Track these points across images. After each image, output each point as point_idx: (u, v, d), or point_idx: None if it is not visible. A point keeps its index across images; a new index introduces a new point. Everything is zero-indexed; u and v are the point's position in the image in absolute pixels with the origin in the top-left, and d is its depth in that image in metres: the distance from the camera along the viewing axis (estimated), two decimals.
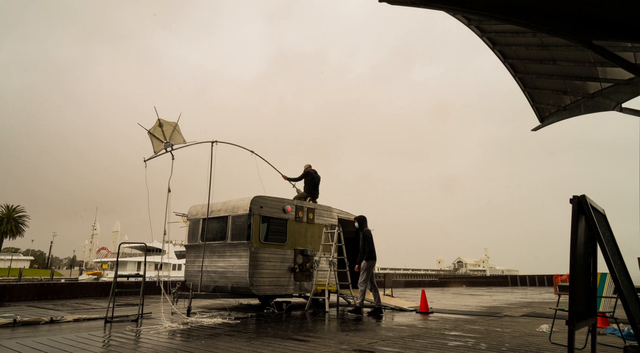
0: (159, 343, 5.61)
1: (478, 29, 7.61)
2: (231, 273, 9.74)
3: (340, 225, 12.51)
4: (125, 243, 11.27)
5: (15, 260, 72.32)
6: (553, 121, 9.52)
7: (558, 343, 5.69)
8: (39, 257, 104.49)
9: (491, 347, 5.50)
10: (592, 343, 4.21)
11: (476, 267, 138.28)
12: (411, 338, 6.12)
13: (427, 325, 7.77)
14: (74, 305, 10.95)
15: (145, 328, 6.97)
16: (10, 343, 5.39)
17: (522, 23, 4.17)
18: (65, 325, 7.19)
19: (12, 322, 7.12)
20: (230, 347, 5.28)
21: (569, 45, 6.91)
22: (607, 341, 5.99)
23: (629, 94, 7.60)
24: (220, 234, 10.29)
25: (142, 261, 43.94)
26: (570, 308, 3.36)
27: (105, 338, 5.97)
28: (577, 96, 8.44)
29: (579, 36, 4.21)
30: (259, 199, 9.91)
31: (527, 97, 9.27)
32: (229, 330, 6.77)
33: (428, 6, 4.28)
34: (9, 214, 65.85)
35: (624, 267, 3.97)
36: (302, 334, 6.45)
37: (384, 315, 9.44)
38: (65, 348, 5.13)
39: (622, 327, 5.86)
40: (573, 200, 3.66)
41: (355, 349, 5.27)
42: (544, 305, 9.92)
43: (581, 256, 3.64)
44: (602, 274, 6.30)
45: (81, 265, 77.19)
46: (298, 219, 10.85)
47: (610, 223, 4.31)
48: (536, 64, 8.06)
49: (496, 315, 9.57)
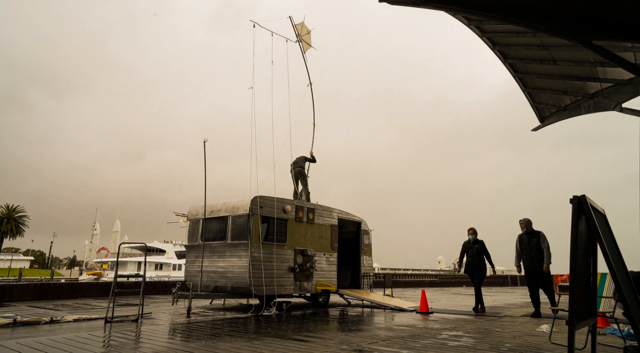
0: (159, 343, 5.61)
1: (478, 29, 7.61)
2: (231, 273, 9.74)
3: (340, 225, 12.53)
4: (125, 243, 11.26)
5: (15, 260, 72.28)
6: (553, 121, 9.51)
7: (558, 343, 5.70)
8: (39, 257, 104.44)
9: (491, 347, 5.50)
10: (592, 343, 4.21)
11: None
12: (411, 338, 6.12)
13: (427, 325, 7.77)
14: (74, 305, 10.95)
15: (145, 328, 6.97)
16: (11, 343, 5.39)
17: (522, 23, 4.17)
18: (65, 325, 7.19)
19: (12, 322, 7.12)
20: (230, 347, 5.28)
21: (569, 45, 6.91)
22: (607, 341, 5.99)
23: (629, 94, 7.59)
24: (221, 234, 10.29)
25: (142, 261, 43.95)
26: (570, 308, 3.36)
27: (106, 338, 5.97)
28: (577, 96, 8.43)
29: (579, 36, 4.21)
30: (259, 199, 9.91)
31: (527, 97, 9.26)
32: (229, 330, 6.77)
33: (428, 6, 4.27)
34: (9, 214, 65.85)
35: (624, 267, 3.97)
36: (303, 334, 6.45)
37: (384, 315, 9.45)
38: (66, 348, 5.13)
39: (622, 327, 5.86)
40: (573, 200, 3.66)
41: (355, 349, 5.27)
42: (544, 305, 9.93)
43: (581, 256, 3.64)
44: (602, 274, 6.30)
45: (81, 265, 77.18)
46: (298, 220, 10.85)
47: (610, 223, 4.30)
48: (536, 64, 8.06)
49: (496, 315, 9.57)
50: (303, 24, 13.53)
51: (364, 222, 13.45)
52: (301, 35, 13.33)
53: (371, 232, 13.79)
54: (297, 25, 13.33)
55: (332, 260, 11.73)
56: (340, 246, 12.24)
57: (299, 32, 13.31)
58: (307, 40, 13.52)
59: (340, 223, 12.38)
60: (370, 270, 13.45)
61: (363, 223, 13.39)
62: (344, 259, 12.59)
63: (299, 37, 13.28)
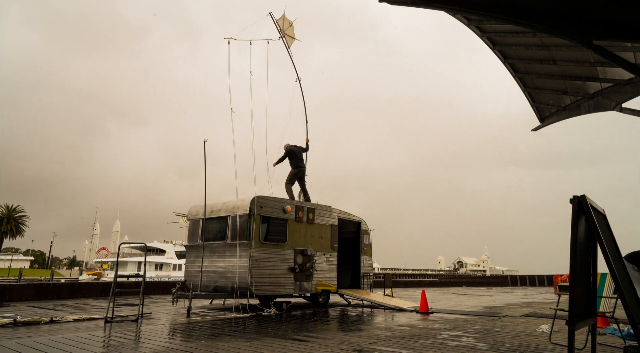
0: (158, 343, 5.61)
1: (478, 29, 7.60)
2: (231, 273, 9.73)
3: (340, 225, 12.52)
4: (125, 243, 11.25)
5: (15, 260, 72.24)
6: (553, 121, 9.50)
7: (558, 343, 5.69)
8: (39, 257, 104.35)
9: (491, 347, 5.50)
10: (592, 343, 4.20)
11: (476, 267, 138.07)
12: (411, 338, 6.12)
13: (427, 325, 7.77)
14: (74, 305, 10.95)
15: (145, 328, 6.97)
16: (11, 343, 5.39)
17: (522, 23, 4.17)
18: (65, 325, 7.19)
19: (12, 322, 7.11)
20: (230, 347, 5.28)
21: (569, 45, 6.91)
22: (607, 341, 5.99)
23: (629, 94, 7.59)
24: (221, 234, 10.29)
25: (142, 261, 43.93)
26: (570, 308, 3.36)
27: (105, 338, 5.97)
28: (577, 96, 8.43)
29: (579, 36, 4.21)
30: (259, 200, 9.90)
31: (527, 97, 9.26)
32: (229, 330, 6.77)
33: (428, 6, 4.27)
34: (9, 214, 65.79)
35: (624, 267, 3.97)
36: (302, 334, 6.45)
37: (384, 315, 9.45)
38: (65, 348, 5.13)
39: (622, 327, 5.86)
40: (573, 200, 3.65)
41: (355, 349, 5.27)
42: (544, 305, 9.91)
43: (581, 256, 3.63)
44: (602, 274, 6.30)
45: (81, 265, 77.15)
46: (298, 220, 10.84)
47: (610, 223, 4.30)
48: (536, 64, 8.05)
49: (496, 315, 9.57)
50: (284, 17, 12.99)
51: (364, 222, 13.45)
52: (284, 30, 12.90)
53: (371, 232, 13.79)
54: (278, 20, 12.87)
55: (332, 260, 11.73)
56: (340, 246, 12.23)
57: (280, 27, 12.87)
58: (290, 34, 13.09)
59: (340, 223, 12.37)
60: (370, 270, 13.45)
61: (363, 223, 13.38)
62: (344, 259, 12.59)
63: (281, 32, 12.87)
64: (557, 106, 9.01)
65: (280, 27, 12.80)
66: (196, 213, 11.06)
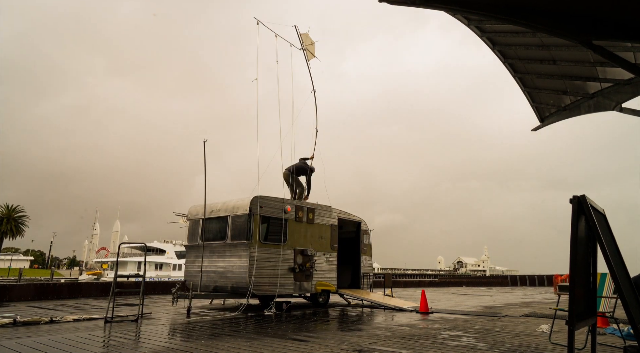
0: (158, 343, 5.61)
1: (478, 29, 7.60)
2: (231, 273, 9.73)
3: (340, 224, 12.52)
4: (125, 243, 11.25)
5: (15, 260, 72.27)
6: (553, 121, 9.50)
7: (558, 343, 5.70)
8: (39, 257, 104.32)
9: (491, 347, 5.50)
10: (592, 343, 4.20)
11: (476, 267, 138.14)
12: (411, 338, 6.12)
13: (427, 325, 7.77)
14: (74, 305, 10.95)
15: (145, 328, 6.97)
16: (10, 343, 5.39)
17: (522, 23, 4.16)
18: (65, 325, 7.19)
19: (12, 322, 7.11)
20: (230, 347, 5.28)
21: (569, 45, 6.91)
22: (607, 341, 5.99)
23: (629, 94, 7.59)
24: (220, 234, 10.29)
25: (142, 261, 43.92)
26: (570, 308, 3.36)
27: (105, 338, 5.97)
28: (577, 96, 8.43)
29: (579, 36, 4.21)
30: (259, 200, 9.90)
31: (527, 97, 9.25)
32: (229, 330, 6.77)
33: (428, 6, 4.27)
34: (9, 214, 65.78)
35: (624, 267, 3.97)
36: (302, 334, 6.45)
37: (384, 315, 9.45)
38: (65, 348, 5.13)
39: (622, 327, 5.86)
40: (573, 200, 3.65)
41: (355, 349, 5.27)
42: (543, 305, 9.90)
43: (581, 256, 3.63)
44: (602, 274, 6.30)
45: (81, 265, 77.17)
46: (298, 220, 10.84)
47: (610, 223, 4.30)
48: (536, 64, 8.05)
49: (496, 315, 9.57)
50: (307, 35, 13.84)
51: (364, 222, 13.45)
52: (305, 45, 13.62)
53: (371, 232, 13.80)
54: (302, 35, 13.60)
55: (332, 260, 11.73)
56: (340, 246, 12.23)
57: (303, 41, 13.59)
58: (311, 50, 13.79)
59: (340, 223, 12.37)
60: (370, 270, 13.45)
61: (363, 223, 13.38)
62: (344, 259, 12.59)
63: (303, 46, 13.54)
64: (557, 106, 9.01)
65: (303, 41, 13.61)
66: (196, 213, 11.06)
